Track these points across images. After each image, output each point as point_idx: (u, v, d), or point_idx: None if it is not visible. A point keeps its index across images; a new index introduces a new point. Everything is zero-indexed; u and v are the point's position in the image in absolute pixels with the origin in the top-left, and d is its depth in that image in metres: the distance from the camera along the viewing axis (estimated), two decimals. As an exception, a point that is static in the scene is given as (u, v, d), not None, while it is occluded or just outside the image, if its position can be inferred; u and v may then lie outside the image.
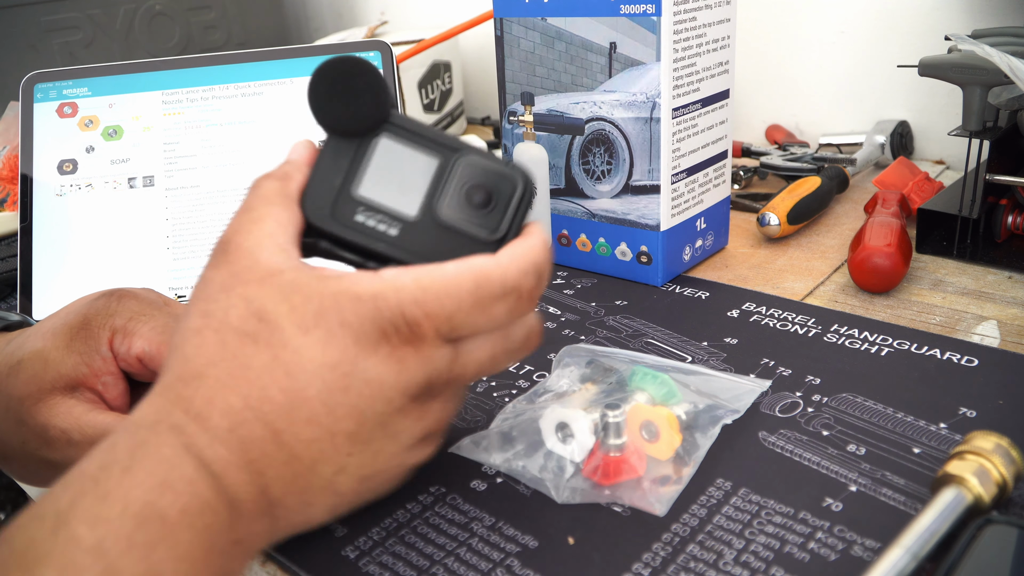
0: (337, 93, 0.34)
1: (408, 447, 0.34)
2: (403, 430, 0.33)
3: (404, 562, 0.34)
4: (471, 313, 0.32)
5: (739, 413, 0.41)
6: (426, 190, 0.35)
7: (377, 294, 0.31)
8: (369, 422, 0.32)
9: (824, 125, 0.86)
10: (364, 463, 0.33)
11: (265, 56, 0.61)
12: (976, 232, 0.59)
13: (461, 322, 0.32)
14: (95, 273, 0.57)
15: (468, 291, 0.32)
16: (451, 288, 0.32)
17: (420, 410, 0.33)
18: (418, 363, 0.32)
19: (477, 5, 1.04)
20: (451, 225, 0.34)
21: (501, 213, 0.34)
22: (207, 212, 0.58)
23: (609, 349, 0.46)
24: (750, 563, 0.32)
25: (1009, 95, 0.53)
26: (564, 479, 0.37)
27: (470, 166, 0.35)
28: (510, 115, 0.60)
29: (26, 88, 0.60)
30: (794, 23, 0.85)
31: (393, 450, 0.33)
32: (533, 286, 0.34)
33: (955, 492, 0.32)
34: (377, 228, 0.34)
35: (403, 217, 0.35)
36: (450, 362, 0.33)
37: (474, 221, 0.34)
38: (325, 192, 0.35)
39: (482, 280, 0.32)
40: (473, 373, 0.35)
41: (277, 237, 0.33)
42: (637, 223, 0.57)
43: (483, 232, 0.34)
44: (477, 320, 0.33)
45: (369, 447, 0.33)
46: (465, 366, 0.34)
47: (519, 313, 0.34)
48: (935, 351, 0.46)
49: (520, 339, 0.36)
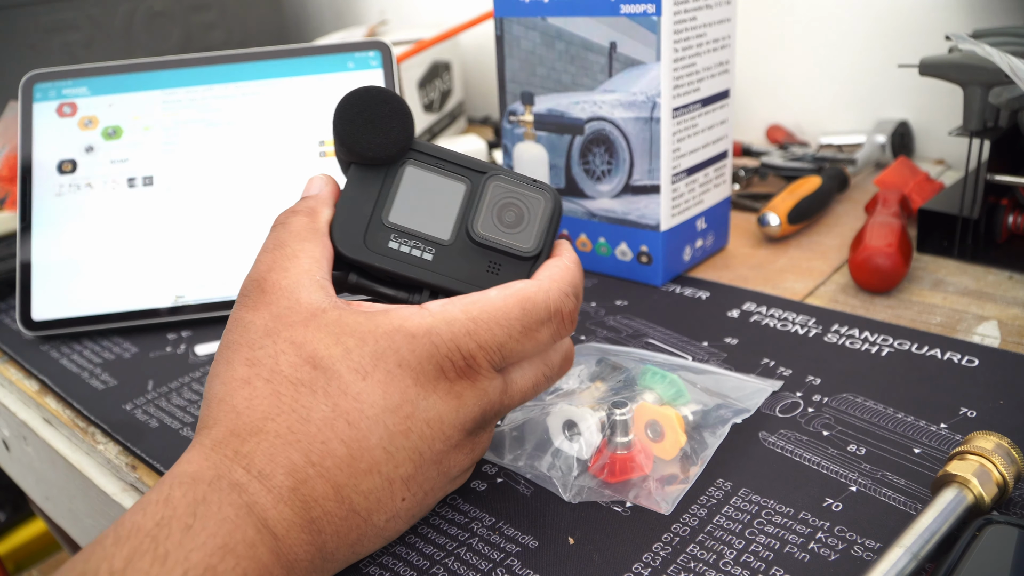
0: (365, 122, 0.34)
1: (454, 479, 0.34)
2: (454, 464, 0.33)
3: (404, 562, 0.34)
4: (521, 340, 0.32)
5: (749, 413, 0.41)
6: (457, 213, 0.35)
7: (431, 329, 0.31)
8: (427, 463, 0.31)
9: (824, 125, 0.86)
10: (414, 505, 0.32)
11: (265, 56, 0.61)
12: (976, 232, 0.59)
13: (512, 350, 0.32)
14: (95, 273, 0.57)
15: (517, 318, 0.32)
16: (500, 317, 0.32)
17: (472, 443, 0.33)
18: (474, 396, 0.32)
19: (477, 5, 1.04)
20: (486, 244, 0.35)
21: (534, 229, 0.35)
22: (207, 212, 0.58)
23: (620, 348, 0.46)
24: (750, 563, 0.32)
25: (1010, 95, 0.53)
26: (572, 477, 0.37)
27: (499, 187, 0.35)
28: (510, 115, 0.60)
29: (25, 88, 0.60)
30: (794, 23, 0.85)
31: (441, 485, 0.33)
32: (573, 308, 0.34)
33: (955, 492, 0.32)
34: (412, 254, 0.34)
35: (437, 241, 0.35)
36: (501, 393, 0.33)
37: (508, 239, 0.35)
38: (356, 223, 0.34)
39: (528, 306, 0.32)
40: (519, 401, 0.34)
41: (314, 274, 0.32)
42: (637, 223, 0.57)
43: (518, 249, 0.35)
44: (526, 346, 0.33)
45: (422, 488, 0.32)
46: (513, 396, 0.34)
47: (560, 336, 0.34)
48: (935, 351, 0.46)
49: (557, 363, 0.36)
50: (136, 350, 0.54)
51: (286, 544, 0.28)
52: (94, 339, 0.56)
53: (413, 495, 0.32)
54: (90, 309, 0.56)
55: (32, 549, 1.20)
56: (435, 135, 0.96)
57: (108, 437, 0.45)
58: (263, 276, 0.33)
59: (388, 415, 0.30)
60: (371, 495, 0.30)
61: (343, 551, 0.31)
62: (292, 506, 0.29)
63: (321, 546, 0.30)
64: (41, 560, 1.20)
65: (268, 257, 0.33)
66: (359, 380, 0.30)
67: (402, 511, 0.32)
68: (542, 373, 0.35)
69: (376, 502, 0.31)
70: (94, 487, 0.43)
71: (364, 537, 0.31)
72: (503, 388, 0.33)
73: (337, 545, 0.30)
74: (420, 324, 0.31)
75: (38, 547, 1.21)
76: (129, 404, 0.47)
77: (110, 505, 0.42)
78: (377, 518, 0.31)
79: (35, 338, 0.56)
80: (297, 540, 0.29)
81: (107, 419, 0.46)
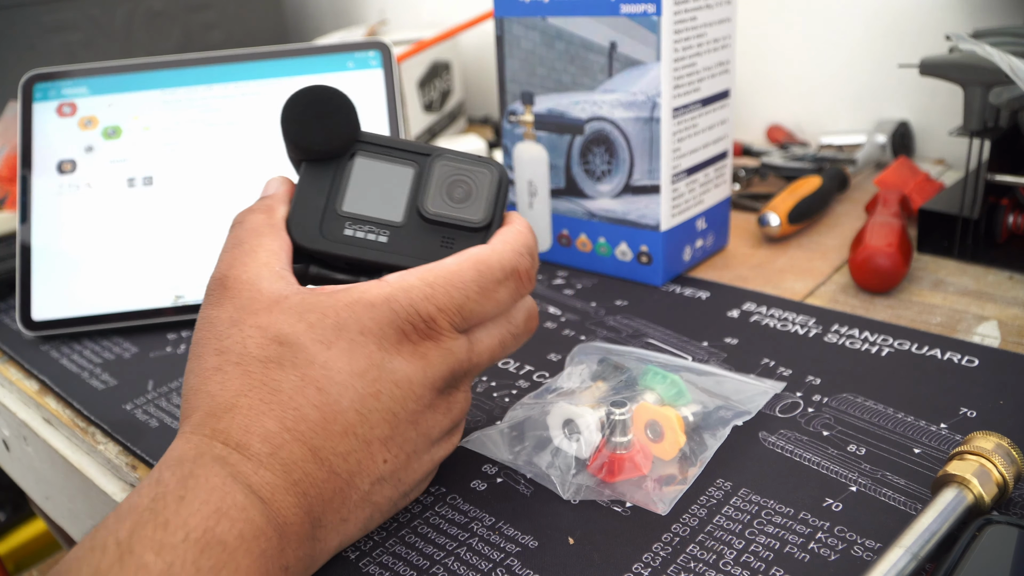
0: (309, 118, 0.36)
1: (437, 442, 0.35)
2: (433, 425, 0.34)
3: (404, 562, 0.34)
4: (479, 300, 0.34)
5: (750, 415, 0.41)
6: (408, 196, 0.36)
7: (389, 297, 0.32)
8: (402, 423, 0.32)
9: (824, 125, 0.86)
10: (398, 468, 0.33)
11: (265, 56, 0.61)
12: (977, 232, 0.59)
13: (471, 311, 0.34)
14: (95, 273, 0.57)
15: (472, 279, 0.33)
16: (456, 280, 0.33)
17: (447, 403, 0.34)
18: (440, 356, 0.33)
19: (477, 5, 1.04)
20: (437, 220, 0.36)
21: (482, 201, 0.36)
22: (206, 212, 0.58)
23: (622, 348, 0.46)
24: (750, 563, 0.32)
25: (1010, 95, 0.53)
26: (570, 476, 0.37)
27: (445, 166, 0.36)
28: (510, 115, 0.60)
29: (25, 87, 0.60)
30: (794, 23, 0.85)
31: (424, 447, 0.34)
32: (528, 266, 0.35)
33: (955, 492, 0.32)
34: (367, 238, 0.36)
35: (391, 223, 0.36)
36: (468, 351, 0.34)
37: (458, 212, 0.36)
38: (311, 215, 0.36)
39: (483, 267, 0.34)
40: (488, 360, 0.36)
41: (273, 266, 0.34)
42: (637, 223, 0.56)
43: (469, 220, 0.36)
44: (485, 306, 0.34)
45: (403, 450, 0.33)
46: (480, 354, 0.35)
47: (519, 294, 0.36)
48: (935, 351, 0.46)
49: (522, 321, 0.37)
50: (136, 350, 0.54)
51: (274, 507, 0.29)
52: (94, 339, 0.56)
53: (395, 457, 0.33)
54: (90, 309, 0.56)
55: (32, 549, 1.20)
56: (435, 135, 0.96)
57: (108, 437, 0.45)
58: (224, 274, 0.34)
59: (356, 379, 0.31)
60: (350, 457, 0.31)
61: (331, 517, 0.31)
62: (273, 470, 0.30)
63: (309, 510, 0.30)
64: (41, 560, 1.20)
65: (228, 256, 0.35)
66: (324, 350, 0.31)
67: (386, 474, 0.33)
68: (508, 331, 0.36)
69: (356, 464, 0.32)
70: (94, 487, 0.43)
71: (349, 501, 0.32)
72: (468, 347, 0.34)
73: (324, 510, 0.31)
74: (379, 294, 0.32)
75: (38, 547, 1.21)
76: (129, 404, 0.47)
77: (110, 505, 0.42)
78: (360, 481, 0.32)
79: (35, 338, 0.56)
80: (284, 503, 0.30)
81: (107, 419, 0.46)
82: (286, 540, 0.29)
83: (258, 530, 0.28)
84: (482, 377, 0.47)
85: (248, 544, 0.28)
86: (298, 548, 0.30)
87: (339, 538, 0.33)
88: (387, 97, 0.60)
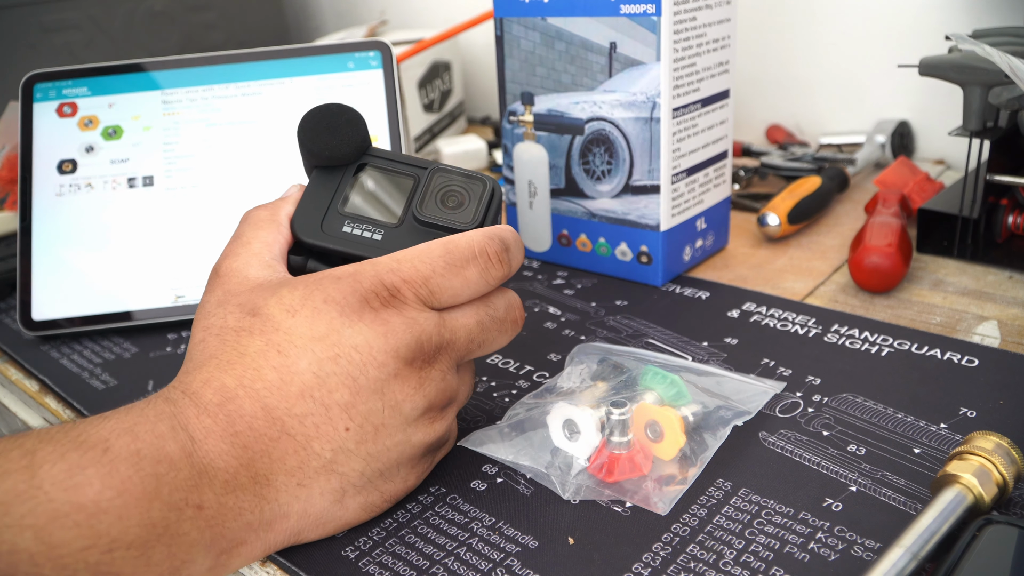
0: (324, 129, 0.39)
1: (412, 420, 0.34)
2: (404, 399, 0.34)
3: (404, 562, 0.34)
4: (445, 275, 0.35)
5: (750, 415, 0.41)
6: (405, 202, 0.40)
7: (356, 270, 0.34)
8: (364, 391, 0.33)
9: (824, 125, 0.86)
10: (365, 438, 0.33)
11: (265, 56, 0.61)
12: (976, 232, 0.59)
13: (439, 284, 0.35)
14: (95, 273, 0.57)
15: (440, 255, 0.35)
16: (423, 255, 0.35)
17: (418, 377, 0.34)
18: (403, 324, 0.34)
19: (477, 5, 1.04)
20: (430, 223, 0.38)
21: (473, 208, 0.38)
22: (207, 212, 0.58)
23: (622, 348, 0.46)
24: (750, 563, 0.32)
25: (1009, 95, 0.53)
26: (570, 476, 0.37)
27: (442, 177, 0.39)
28: (510, 115, 0.60)
29: (25, 88, 0.60)
30: (794, 23, 0.85)
31: (396, 423, 0.34)
32: (499, 250, 0.36)
33: (955, 492, 0.32)
34: (363, 235, 0.38)
35: (386, 224, 0.39)
36: (437, 326, 0.35)
37: (450, 217, 0.38)
38: (314, 213, 0.39)
39: (451, 246, 0.35)
40: (465, 339, 0.36)
41: (263, 255, 0.37)
42: (637, 223, 0.57)
43: (458, 222, 0.38)
44: (453, 282, 0.35)
45: (368, 421, 0.33)
46: (454, 331, 0.36)
47: (489, 275, 0.36)
48: (935, 351, 0.46)
49: (502, 308, 0.38)
50: (136, 350, 0.54)
51: (202, 448, 0.31)
52: (94, 339, 0.56)
53: (359, 427, 0.33)
54: (90, 309, 0.56)
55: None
56: (435, 135, 0.96)
57: (108, 437, 0.45)
58: (219, 263, 0.37)
59: (315, 343, 0.33)
60: (306, 419, 0.32)
61: (280, 477, 0.32)
62: (215, 418, 0.31)
63: (248, 463, 0.31)
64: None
65: (227, 248, 0.38)
66: (289, 317, 0.33)
67: (351, 444, 0.33)
68: (485, 313, 0.37)
69: (314, 427, 0.32)
70: (94, 487, 0.43)
71: (307, 467, 0.32)
72: (438, 321, 0.35)
73: (271, 468, 0.32)
74: (346, 269, 0.35)
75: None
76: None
77: (110, 505, 0.42)
78: (319, 447, 0.32)
79: (35, 338, 0.56)
80: (215, 449, 0.31)
81: (107, 419, 0.46)
82: (206, 480, 0.30)
83: (164, 457, 0.30)
84: (482, 377, 0.47)
85: (141, 461, 0.29)
86: (226, 495, 0.31)
87: (299, 504, 0.33)
88: (387, 97, 0.60)
